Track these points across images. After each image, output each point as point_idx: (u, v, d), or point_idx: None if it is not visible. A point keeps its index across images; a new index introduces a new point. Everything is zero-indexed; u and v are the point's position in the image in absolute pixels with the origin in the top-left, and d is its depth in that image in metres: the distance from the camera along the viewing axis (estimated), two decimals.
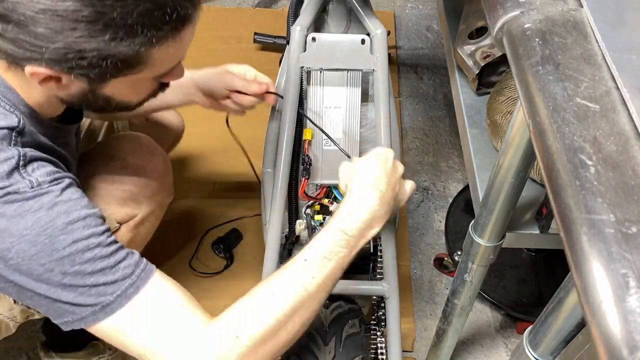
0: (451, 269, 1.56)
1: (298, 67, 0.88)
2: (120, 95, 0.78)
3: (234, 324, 0.73)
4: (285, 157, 0.88)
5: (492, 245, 0.92)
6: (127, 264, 0.74)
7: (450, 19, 1.33)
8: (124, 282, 0.73)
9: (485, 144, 1.09)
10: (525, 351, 0.79)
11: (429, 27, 2.28)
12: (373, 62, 0.88)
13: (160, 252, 1.54)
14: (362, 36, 0.88)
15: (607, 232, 0.43)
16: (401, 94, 2.03)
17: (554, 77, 0.55)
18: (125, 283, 0.73)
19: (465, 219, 1.59)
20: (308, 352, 0.88)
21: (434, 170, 1.82)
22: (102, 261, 0.72)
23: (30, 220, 0.69)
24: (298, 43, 0.88)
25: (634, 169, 0.48)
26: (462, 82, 1.21)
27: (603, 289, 0.41)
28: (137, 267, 0.75)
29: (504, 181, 0.82)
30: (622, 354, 0.38)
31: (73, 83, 0.71)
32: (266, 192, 1.02)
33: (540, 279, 1.48)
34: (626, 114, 0.52)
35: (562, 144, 0.49)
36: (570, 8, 0.63)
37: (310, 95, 0.91)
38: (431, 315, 1.50)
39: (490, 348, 1.45)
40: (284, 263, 0.98)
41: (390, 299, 0.89)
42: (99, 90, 0.75)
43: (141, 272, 0.75)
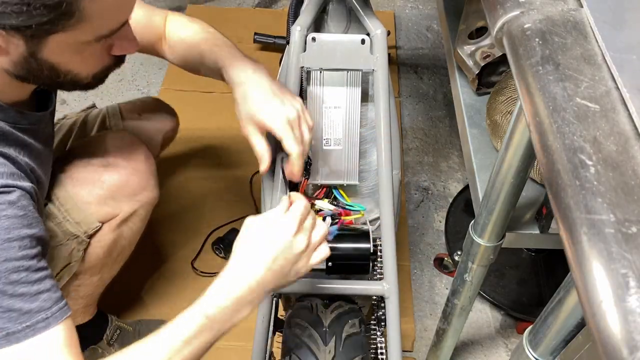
0: (451, 269, 1.56)
1: (298, 67, 0.88)
2: (65, 64, 0.74)
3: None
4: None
5: (492, 245, 0.92)
6: (48, 297, 0.72)
7: (450, 19, 1.33)
8: (37, 314, 0.70)
9: (485, 144, 1.09)
10: (525, 351, 0.79)
11: (429, 27, 2.28)
12: (373, 62, 0.88)
13: (161, 252, 1.55)
14: (362, 36, 0.88)
15: (607, 232, 0.43)
16: (401, 94, 2.03)
17: (554, 77, 0.55)
18: (39, 316, 0.70)
19: (465, 219, 1.59)
20: (308, 352, 0.88)
21: (434, 170, 1.82)
22: (25, 287, 0.70)
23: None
24: (298, 43, 0.88)
25: (634, 169, 0.48)
26: (462, 82, 1.21)
27: (603, 289, 0.41)
28: (55, 304, 0.72)
29: (504, 181, 0.82)
30: (622, 354, 0.38)
31: (9, 45, 0.68)
32: (266, 192, 1.02)
33: (540, 279, 1.48)
34: (626, 114, 0.52)
35: (562, 144, 0.49)
36: (570, 8, 0.63)
37: (310, 95, 0.91)
38: (431, 315, 1.50)
39: (490, 348, 1.45)
40: None
41: (390, 299, 0.89)
42: (40, 55, 0.71)
43: (58, 311, 0.72)
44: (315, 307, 0.95)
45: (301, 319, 0.93)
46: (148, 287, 1.47)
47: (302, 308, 0.95)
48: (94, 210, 1.03)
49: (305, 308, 0.95)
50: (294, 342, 0.90)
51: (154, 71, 2.04)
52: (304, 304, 0.96)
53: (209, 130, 1.76)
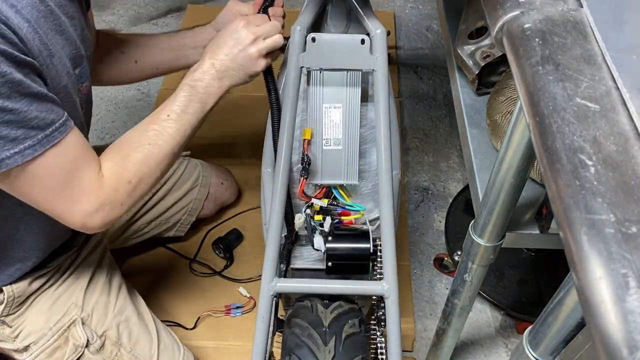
0: (451, 269, 1.56)
1: (298, 67, 0.88)
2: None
3: (124, 174, 0.90)
4: (284, 156, 0.88)
5: (492, 245, 0.92)
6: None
7: (450, 19, 1.33)
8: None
9: (485, 144, 1.09)
10: (525, 351, 0.79)
11: (429, 27, 2.28)
12: (373, 62, 0.88)
13: (160, 251, 1.55)
14: (362, 36, 0.88)
15: (607, 232, 0.43)
16: (401, 94, 2.03)
17: (554, 77, 0.55)
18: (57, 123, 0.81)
19: (465, 219, 1.59)
20: (308, 352, 0.88)
21: (434, 170, 1.82)
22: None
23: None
24: (298, 43, 0.88)
25: (634, 169, 0.48)
26: (462, 82, 1.21)
27: (603, 289, 0.41)
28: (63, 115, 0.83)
29: (504, 181, 0.82)
30: (622, 354, 0.38)
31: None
32: (266, 192, 1.02)
33: (540, 279, 1.48)
34: (626, 114, 0.52)
35: (562, 144, 0.49)
36: (570, 8, 0.63)
37: (310, 95, 0.91)
38: (431, 315, 1.50)
39: (490, 348, 1.45)
40: (284, 263, 0.99)
41: (390, 299, 0.89)
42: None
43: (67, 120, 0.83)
44: (315, 307, 0.95)
45: (301, 319, 0.93)
46: (148, 287, 1.47)
47: (302, 308, 0.95)
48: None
49: (305, 308, 0.95)
50: (294, 342, 0.90)
51: None
52: (304, 304, 0.96)
53: (208, 130, 1.76)
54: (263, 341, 0.90)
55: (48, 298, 1.09)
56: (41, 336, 1.08)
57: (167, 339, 1.22)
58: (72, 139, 0.84)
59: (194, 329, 1.40)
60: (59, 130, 0.81)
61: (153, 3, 2.33)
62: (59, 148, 0.81)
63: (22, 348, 1.09)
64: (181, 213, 1.47)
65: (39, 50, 0.80)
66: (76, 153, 0.85)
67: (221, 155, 1.72)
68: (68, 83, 0.89)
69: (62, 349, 1.10)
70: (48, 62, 0.82)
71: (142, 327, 1.19)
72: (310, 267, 1.02)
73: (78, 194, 0.86)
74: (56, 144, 0.81)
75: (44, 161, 0.80)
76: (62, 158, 0.83)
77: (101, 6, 2.32)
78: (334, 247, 0.93)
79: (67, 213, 0.87)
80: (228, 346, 1.38)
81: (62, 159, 0.83)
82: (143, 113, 1.94)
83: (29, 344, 1.08)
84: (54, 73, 0.84)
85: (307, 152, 0.90)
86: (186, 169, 1.46)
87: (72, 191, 0.85)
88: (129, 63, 1.21)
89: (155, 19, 2.27)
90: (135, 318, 1.19)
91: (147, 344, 1.18)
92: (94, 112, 1.95)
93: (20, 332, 1.08)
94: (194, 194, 1.48)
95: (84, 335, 1.09)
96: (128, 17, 2.28)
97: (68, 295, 1.11)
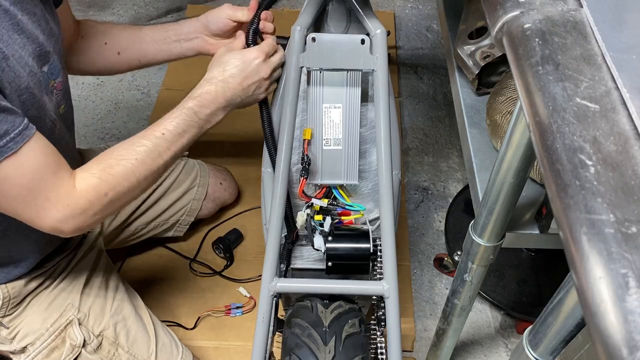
0: (451, 269, 1.56)
1: (298, 67, 0.88)
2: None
3: (102, 186, 0.87)
4: (284, 156, 0.88)
5: (492, 245, 0.92)
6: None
7: (450, 19, 1.33)
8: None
9: (485, 144, 1.08)
10: (525, 351, 0.79)
11: (429, 27, 2.28)
12: (373, 62, 0.88)
13: (160, 251, 1.55)
14: (362, 36, 0.88)
15: (607, 232, 0.43)
16: (401, 94, 2.03)
17: (554, 77, 0.55)
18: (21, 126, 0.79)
19: (465, 219, 1.59)
20: (308, 351, 0.88)
21: (434, 170, 1.82)
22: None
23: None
24: (298, 43, 0.88)
25: (634, 169, 0.48)
26: (462, 82, 1.21)
27: (603, 289, 0.41)
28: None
29: (504, 181, 0.82)
30: (622, 354, 0.38)
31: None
32: (266, 192, 1.02)
33: (540, 279, 1.48)
34: (626, 114, 0.52)
35: (562, 144, 0.49)
36: (570, 8, 0.63)
37: (310, 95, 0.91)
38: (431, 315, 1.50)
39: (490, 348, 1.45)
40: (284, 263, 0.99)
41: (390, 299, 0.89)
42: None
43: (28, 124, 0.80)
44: (315, 307, 0.95)
45: (301, 319, 0.93)
46: (148, 287, 1.47)
47: (302, 308, 0.95)
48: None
49: (305, 308, 0.95)
50: (294, 342, 0.90)
51: (154, 71, 2.04)
52: (304, 304, 0.96)
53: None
54: (263, 341, 0.90)
55: (44, 299, 1.09)
56: (38, 337, 1.08)
57: (165, 338, 1.22)
58: (33, 148, 0.80)
59: (194, 328, 1.40)
60: (14, 140, 0.77)
61: (153, 3, 2.33)
62: (16, 158, 0.78)
63: (19, 349, 1.09)
64: (180, 214, 1.47)
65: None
66: (38, 162, 0.81)
67: (221, 155, 1.72)
68: (31, 83, 0.86)
69: (59, 349, 1.10)
70: (3, 65, 0.79)
71: (140, 326, 1.19)
72: (310, 267, 1.02)
73: (44, 202, 0.83)
74: (12, 155, 0.78)
75: (0, 172, 0.78)
76: (21, 168, 0.80)
77: (101, 6, 2.32)
78: (334, 247, 0.93)
79: (35, 220, 0.85)
80: (228, 346, 1.38)
81: (21, 169, 0.80)
82: (143, 113, 1.94)
83: (26, 345, 1.09)
84: (11, 76, 0.81)
85: (307, 152, 0.90)
86: (184, 169, 1.45)
87: (36, 200, 0.82)
88: (112, 55, 1.19)
89: (155, 19, 2.28)
90: (132, 317, 1.19)
91: (145, 343, 1.18)
92: (94, 112, 1.96)
93: (17, 334, 1.08)
94: (192, 194, 1.48)
95: (80, 336, 1.09)
96: (128, 17, 2.28)
97: (64, 296, 1.11)
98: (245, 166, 1.66)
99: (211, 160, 1.58)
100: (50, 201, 0.83)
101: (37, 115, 0.87)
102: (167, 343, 1.22)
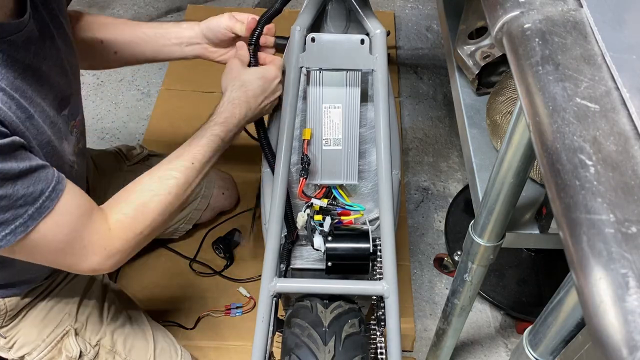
0: (451, 269, 1.56)
1: (297, 67, 0.88)
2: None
3: (137, 226, 0.87)
4: (284, 156, 0.88)
5: (492, 245, 0.92)
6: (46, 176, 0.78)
7: (450, 19, 1.33)
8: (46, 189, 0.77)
9: (485, 144, 1.08)
10: (525, 351, 0.79)
11: (429, 27, 2.28)
12: (372, 62, 0.88)
13: (160, 251, 1.54)
14: (362, 36, 0.88)
15: (607, 232, 0.43)
16: (401, 94, 2.03)
17: (554, 77, 0.55)
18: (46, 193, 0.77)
19: (465, 219, 1.59)
20: (308, 351, 0.88)
21: (434, 170, 1.82)
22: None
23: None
24: (297, 43, 0.88)
25: (634, 169, 0.48)
26: (462, 82, 1.21)
27: (603, 289, 0.41)
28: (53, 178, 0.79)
29: (504, 181, 0.82)
30: (622, 354, 0.38)
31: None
32: (265, 192, 1.02)
33: (540, 279, 1.48)
34: (626, 114, 0.52)
35: (562, 144, 0.49)
36: (570, 8, 0.63)
37: (310, 95, 0.91)
38: (431, 315, 1.50)
39: (490, 348, 1.45)
40: (284, 263, 0.99)
41: (389, 299, 0.89)
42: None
43: (57, 183, 0.79)
44: (315, 307, 0.95)
45: (301, 319, 0.93)
46: (148, 287, 1.47)
47: (302, 308, 0.95)
48: None
49: (305, 308, 0.95)
50: (293, 342, 0.90)
51: (154, 71, 2.04)
52: (304, 304, 0.96)
53: None
54: (263, 341, 0.90)
55: (41, 310, 1.09)
56: (35, 347, 1.08)
57: (163, 342, 1.22)
58: (67, 202, 0.80)
59: (193, 329, 1.40)
60: (50, 198, 0.77)
61: (153, 3, 2.33)
62: (53, 216, 0.78)
63: (17, 359, 1.09)
64: (179, 223, 1.48)
65: (17, 118, 0.76)
66: (73, 215, 0.81)
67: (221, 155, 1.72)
68: (52, 135, 0.85)
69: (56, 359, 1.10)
70: (28, 125, 0.79)
71: (138, 332, 1.19)
72: (310, 267, 1.02)
73: (81, 250, 0.83)
74: (49, 214, 0.77)
75: (39, 233, 0.77)
76: (59, 225, 0.79)
77: (101, 6, 2.32)
78: (334, 247, 0.93)
79: (73, 266, 0.85)
80: (228, 346, 1.38)
81: (58, 225, 0.79)
82: (143, 113, 1.94)
83: (23, 355, 1.09)
84: (34, 133, 0.80)
85: (306, 152, 0.90)
86: None
87: (74, 249, 0.82)
88: (109, 53, 1.17)
89: (155, 19, 2.28)
90: (129, 324, 1.19)
91: (143, 349, 1.18)
92: (94, 112, 1.96)
93: (15, 343, 1.08)
94: (194, 204, 1.48)
95: (76, 347, 1.09)
96: (128, 17, 2.28)
97: (61, 306, 1.11)
98: (245, 166, 1.66)
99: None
100: (87, 248, 0.83)
101: (58, 164, 0.86)
102: (165, 347, 1.21)
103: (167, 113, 1.87)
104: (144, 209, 0.87)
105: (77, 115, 0.95)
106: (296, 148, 0.95)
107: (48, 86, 0.85)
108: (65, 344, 1.10)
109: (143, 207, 0.87)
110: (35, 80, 0.82)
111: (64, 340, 1.10)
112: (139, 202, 0.87)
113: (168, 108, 1.89)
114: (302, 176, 0.90)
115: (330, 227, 0.93)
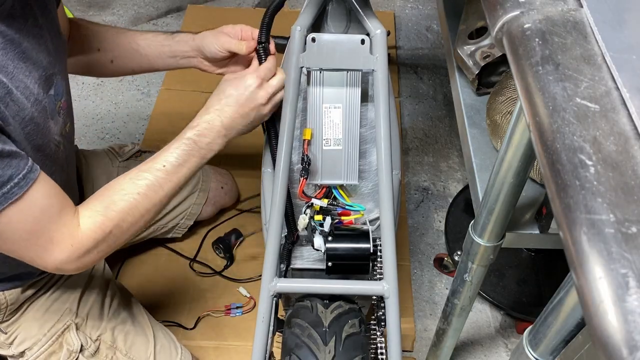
0: (451, 269, 1.56)
1: (298, 67, 0.88)
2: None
3: (107, 224, 0.86)
4: (284, 156, 0.88)
5: (492, 245, 0.92)
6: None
7: (450, 19, 1.33)
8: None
9: (485, 144, 1.08)
10: (525, 351, 0.79)
11: (429, 27, 2.28)
12: (373, 62, 0.88)
13: (160, 251, 1.55)
14: (362, 36, 0.88)
15: (607, 232, 0.43)
16: (401, 94, 2.03)
17: (554, 77, 0.55)
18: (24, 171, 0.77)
19: (465, 219, 1.59)
20: (308, 352, 0.88)
21: (434, 170, 1.82)
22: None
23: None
24: (298, 43, 0.88)
25: (634, 169, 0.48)
26: (462, 82, 1.21)
27: (603, 289, 0.41)
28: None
29: (504, 181, 0.82)
30: (622, 354, 0.38)
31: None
32: (265, 192, 1.02)
33: (540, 279, 1.48)
34: (626, 114, 0.52)
35: (562, 144, 0.49)
36: (570, 8, 0.63)
37: (310, 95, 0.91)
38: (431, 315, 1.50)
39: (490, 348, 1.45)
40: (284, 263, 0.99)
41: (390, 299, 0.89)
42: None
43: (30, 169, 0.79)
44: (315, 307, 0.95)
45: (301, 319, 0.93)
46: (148, 287, 1.47)
47: (302, 308, 0.95)
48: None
49: (305, 308, 0.95)
50: (294, 342, 0.90)
51: None
52: (304, 304, 0.96)
53: None
54: (263, 341, 0.90)
55: (42, 304, 1.09)
56: (35, 342, 1.08)
57: (164, 339, 1.22)
58: (37, 191, 0.79)
59: (193, 329, 1.40)
60: (18, 185, 0.76)
61: (153, 3, 2.33)
62: (20, 203, 0.77)
63: (17, 354, 1.09)
64: (179, 217, 1.47)
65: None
66: (41, 205, 0.80)
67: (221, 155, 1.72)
68: (35, 113, 0.84)
69: (57, 354, 1.10)
70: (8, 100, 0.78)
71: (138, 329, 1.19)
72: (310, 267, 1.02)
73: (47, 244, 0.82)
74: (16, 200, 0.76)
75: (5, 217, 0.77)
76: (25, 212, 0.78)
77: (101, 6, 2.32)
78: (334, 247, 0.93)
79: (36, 260, 0.84)
80: (228, 346, 1.38)
81: (25, 214, 0.78)
82: (143, 113, 1.94)
83: (23, 350, 1.09)
84: (15, 109, 0.80)
85: (307, 152, 0.90)
86: None
87: (39, 241, 0.81)
88: (105, 62, 1.18)
89: (155, 19, 2.28)
90: (130, 321, 1.19)
91: (143, 345, 1.18)
92: (94, 112, 1.96)
93: (15, 339, 1.08)
94: (193, 198, 1.48)
95: (77, 341, 1.09)
96: (128, 17, 2.28)
97: (62, 301, 1.11)
98: (245, 166, 1.66)
99: (213, 161, 1.58)
100: (53, 242, 0.82)
101: (42, 142, 0.86)
102: (165, 345, 1.21)
103: (167, 113, 1.87)
104: (114, 207, 0.87)
105: (62, 95, 0.94)
106: (296, 148, 0.95)
107: (31, 62, 0.84)
108: (66, 337, 1.10)
109: (113, 205, 0.87)
110: (18, 55, 0.81)
111: (65, 334, 1.10)
112: (109, 201, 0.87)
113: (168, 108, 1.89)
114: (303, 176, 0.90)
115: (331, 227, 0.93)
